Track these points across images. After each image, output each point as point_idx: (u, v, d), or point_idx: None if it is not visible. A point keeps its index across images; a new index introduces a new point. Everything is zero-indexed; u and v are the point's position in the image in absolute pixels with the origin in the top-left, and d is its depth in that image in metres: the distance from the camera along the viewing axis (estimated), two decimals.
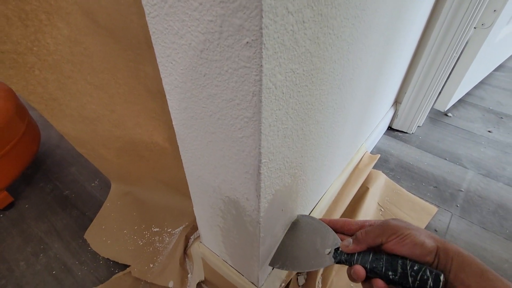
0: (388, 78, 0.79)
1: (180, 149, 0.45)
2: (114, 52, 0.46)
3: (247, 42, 0.24)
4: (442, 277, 0.29)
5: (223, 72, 0.28)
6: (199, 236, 0.71)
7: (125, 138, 0.62)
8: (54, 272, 0.73)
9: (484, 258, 0.75)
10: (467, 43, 0.98)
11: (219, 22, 0.25)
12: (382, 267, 0.32)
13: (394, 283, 0.32)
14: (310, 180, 0.58)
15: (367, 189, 0.86)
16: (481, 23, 0.92)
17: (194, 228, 0.73)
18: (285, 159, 0.41)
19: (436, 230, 0.81)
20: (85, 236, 0.78)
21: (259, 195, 0.38)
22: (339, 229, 0.44)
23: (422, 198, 0.89)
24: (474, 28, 0.93)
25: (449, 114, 1.22)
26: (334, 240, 0.42)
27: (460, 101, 1.28)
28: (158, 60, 0.34)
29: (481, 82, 1.40)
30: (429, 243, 0.31)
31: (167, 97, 0.38)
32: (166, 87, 0.37)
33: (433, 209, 0.86)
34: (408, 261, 0.31)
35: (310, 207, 0.69)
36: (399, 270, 0.31)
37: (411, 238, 0.32)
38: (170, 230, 0.75)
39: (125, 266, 0.71)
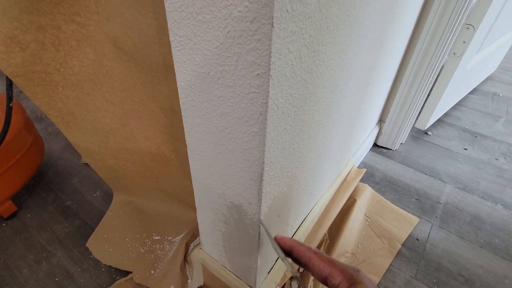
0: (372, 99, 0.88)
1: (190, 159, 0.51)
2: (133, 74, 0.53)
3: (258, 74, 0.31)
4: None
5: (235, 96, 0.35)
6: (199, 243, 0.76)
7: (134, 150, 0.68)
8: (56, 279, 0.75)
9: (461, 264, 0.82)
10: (442, 69, 1.10)
11: (235, 58, 0.32)
12: None
13: None
14: (303, 190, 0.64)
15: (355, 201, 0.93)
16: (453, 52, 1.04)
17: (194, 236, 0.77)
18: (283, 169, 0.47)
19: (417, 239, 0.88)
20: (87, 245, 0.81)
21: (261, 199, 0.44)
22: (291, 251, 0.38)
23: (405, 210, 0.96)
24: (448, 56, 1.04)
25: (429, 133, 1.32)
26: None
27: (439, 121, 1.39)
28: (178, 83, 0.41)
29: (458, 104, 1.52)
30: None
31: (183, 114, 0.45)
32: (183, 106, 0.43)
33: (415, 219, 0.93)
34: None
35: (302, 216, 0.75)
36: None
37: None
38: (170, 238, 0.79)
39: (127, 273, 0.75)
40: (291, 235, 0.73)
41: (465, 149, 1.24)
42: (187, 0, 0.32)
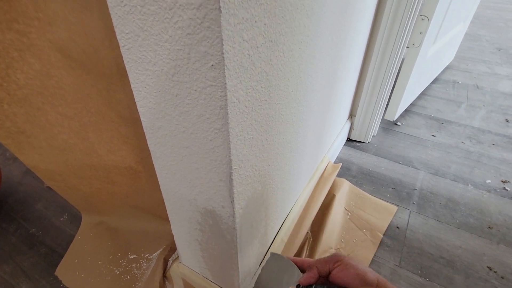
0: (340, 93, 0.88)
1: (156, 167, 0.48)
2: (86, 82, 0.49)
3: (212, 65, 0.29)
4: None
5: (192, 92, 0.33)
6: (177, 257, 0.72)
7: (97, 166, 0.64)
8: None
9: (441, 247, 0.83)
10: (403, 60, 1.13)
11: (187, 50, 0.30)
12: None
13: None
14: (280, 188, 0.63)
15: (334, 196, 0.93)
16: (412, 43, 1.08)
17: (172, 250, 0.73)
18: (254, 167, 0.45)
19: (398, 227, 0.89)
20: (56, 273, 0.75)
21: (233, 201, 0.42)
22: (306, 268, 0.45)
23: (383, 199, 0.97)
24: (407, 47, 1.08)
25: (398, 123, 1.35)
26: (298, 277, 0.44)
27: (406, 111, 1.44)
28: (132, 85, 0.38)
29: (422, 94, 1.58)
30: (371, 276, 0.34)
31: (142, 118, 0.42)
32: (140, 110, 0.41)
33: (394, 208, 0.94)
34: None
35: (283, 216, 0.74)
36: None
37: (354, 268, 0.36)
38: (147, 255, 0.75)
39: None
40: (273, 237, 0.71)
41: (433, 135, 1.28)
42: None
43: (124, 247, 0.77)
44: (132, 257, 0.75)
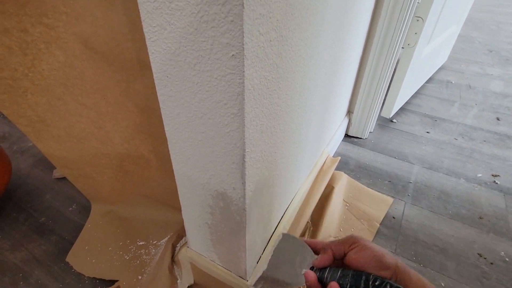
0: (339, 89, 0.93)
1: (171, 153, 0.52)
2: (107, 74, 0.53)
3: (233, 55, 0.33)
4: None
5: (213, 79, 0.37)
6: (185, 243, 0.75)
7: (112, 154, 0.67)
8: None
9: (435, 235, 0.88)
10: (398, 60, 1.18)
11: (210, 41, 0.34)
12: (348, 283, 0.34)
13: None
14: (283, 177, 0.67)
15: (333, 188, 0.97)
16: (407, 43, 1.13)
17: (180, 237, 0.77)
18: (263, 152, 0.49)
19: (394, 217, 0.93)
20: (67, 259, 0.78)
21: (244, 182, 0.46)
22: (319, 250, 0.43)
23: (380, 192, 1.02)
24: (402, 48, 1.13)
25: (394, 120, 1.40)
26: (312, 259, 0.43)
27: (402, 109, 1.49)
28: (155, 75, 0.42)
29: (417, 92, 1.64)
30: (389, 258, 0.32)
31: (161, 106, 0.46)
32: (161, 98, 0.45)
33: (390, 200, 0.99)
34: (371, 276, 0.32)
35: (285, 205, 0.78)
36: (362, 285, 0.32)
37: (371, 250, 0.33)
38: (155, 242, 0.78)
39: (113, 282, 0.73)
40: (276, 225, 0.75)
41: (427, 132, 1.33)
42: None
43: (133, 234, 0.80)
44: (141, 243, 0.78)
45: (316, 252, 0.44)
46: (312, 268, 0.41)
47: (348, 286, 0.33)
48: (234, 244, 0.58)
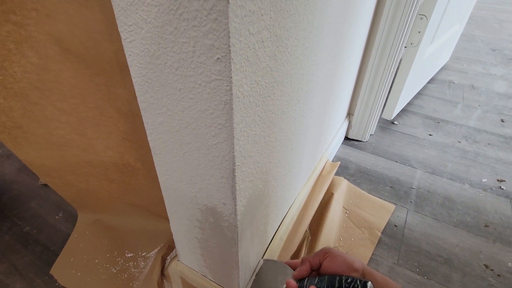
0: (339, 91, 0.88)
1: (156, 163, 0.47)
2: (85, 77, 0.48)
3: (218, 58, 0.29)
4: (369, 284, 0.34)
5: (196, 86, 0.33)
6: (175, 256, 0.71)
7: (95, 162, 0.62)
8: None
9: (438, 245, 0.84)
10: (401, 60, 1.14)
11: (192, 43, 0.29)
12: (325, 285, 0.38)
13: None
14: (280, 186, 0.62)
15: (332, 194, 0.93)
16: (410, 42, 1.08)
17: (170, 248, 0.73)
18: (256, 164, 0.45)
19: (396, 226, 0.89)
20: (51, 272, 0.74)
21: (235, 198, 0.42)
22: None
23: (381, 198, 0.98)
24: (405, 47, 1.08)
25: (395, 122, 1.36)
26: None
27: (403, 110, 1.45)
28: (134, 80, 0.38)
29: (419, 93, 1.59)
30: (358, 264, 0.38)
31: (143, 114, 0.41)
32: (141, 105, 0.40)
33: (391, 206, 0.95)
34: (344, 277, 0.37)
35: (282, 214, 0.73)
36: (337, 285, 0.37)
37: (342, 257, 0.39)
38: (144, 253, 0.74)
39: None
40: (272, 235, 0.71)
41: (430, 135, 1.29)
42: None
43: (121, 245, 0.76)
44: (129, 255, 0.74)
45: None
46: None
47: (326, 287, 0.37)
48: (226, 259, 0.54)
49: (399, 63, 1.12)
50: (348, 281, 0.36)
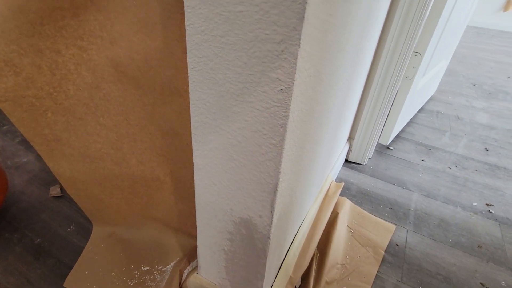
0: (346, 117, 0.96)
1: (196, 177, 0.51)
2: (133, 96, 0.53)
3: (281, 89, 0.35)
4: None
5: (255, 111, 0.38)
6: (193, 269, 0.73)
7: (125, 175, 0.66)
8: None
9: (437, 264, 0.89)
10: (398, 91, 1.24)
11: (258, 75, 0.35)
12: None
13: None
14: (298, 203, 0.67)
15: (337, 214, 0.98)
16: (406, 76, 1.19)
17: (188, 262, 0.75)
18: (289, 181, 0.50)
19: (397, 245, 0.94)
20: (65, 285, 0.74)
21: (273, 211, 0.46)
22: None
23: (382, 218, 1.03)
24: (402, 79, 1.18)
25: (391, 147, 1.45)
26: None
27: (397, 136, 1.54)
28: (192, 102, 0.43)
29: (410, 121, 1.70)
30: None
31: (193, 132, 0.46)
32: (194, 124, 0.45)
33: (392, 226, 1.00)
34: None
35: (294, 230, 0.77)
36: None
37: None
38: (161, 267, 0.75)
39: None
40: (286, 251, 0.74)
41: (422, 160, 1.38)
42: (212, 24, 0.35)
43: (137, 259, 0.77)
44: (145, 268, 0.75)
45: None
46: None
47: None
48: (251, 272, 0.57)
49: (396, 93, 1.22)
50: None
